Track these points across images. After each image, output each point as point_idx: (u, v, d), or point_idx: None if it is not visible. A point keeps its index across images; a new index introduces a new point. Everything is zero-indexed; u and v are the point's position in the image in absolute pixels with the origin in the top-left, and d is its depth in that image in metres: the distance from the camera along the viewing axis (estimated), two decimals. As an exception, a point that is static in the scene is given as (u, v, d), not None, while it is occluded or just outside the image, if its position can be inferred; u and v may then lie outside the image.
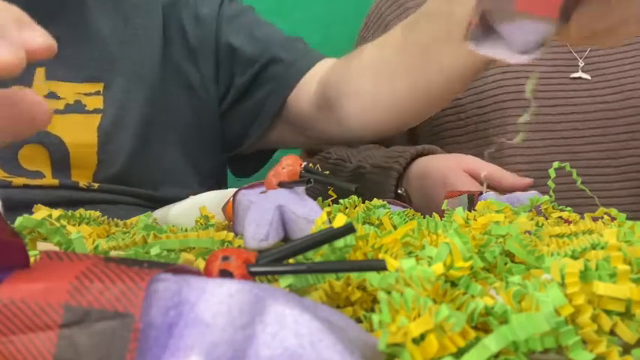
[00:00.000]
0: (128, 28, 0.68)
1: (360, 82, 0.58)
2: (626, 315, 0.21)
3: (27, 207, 0.40)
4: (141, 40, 0.68)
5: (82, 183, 0.63)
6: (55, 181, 0.61)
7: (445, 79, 0.51)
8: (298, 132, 0.72)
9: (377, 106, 0.58)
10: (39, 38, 0.26)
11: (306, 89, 0.67)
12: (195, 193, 0.55)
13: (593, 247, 0.28)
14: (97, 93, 0.64)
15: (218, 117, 0.75)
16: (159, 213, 0.52)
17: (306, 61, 0.68)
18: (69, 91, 0.63)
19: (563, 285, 0.20)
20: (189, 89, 0.72)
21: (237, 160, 0.80)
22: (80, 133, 0.62)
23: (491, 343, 0.17)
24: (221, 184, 0.81)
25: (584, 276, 0.21)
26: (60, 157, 0.62)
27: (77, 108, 0.63)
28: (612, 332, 0.21)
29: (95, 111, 0.63)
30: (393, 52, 0.53)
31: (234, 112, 0.74)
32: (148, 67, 0.68)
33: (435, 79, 0.52)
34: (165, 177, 0.70)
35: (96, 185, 0.63)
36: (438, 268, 0.22)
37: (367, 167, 0.71)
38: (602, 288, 0.21)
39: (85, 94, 0.64)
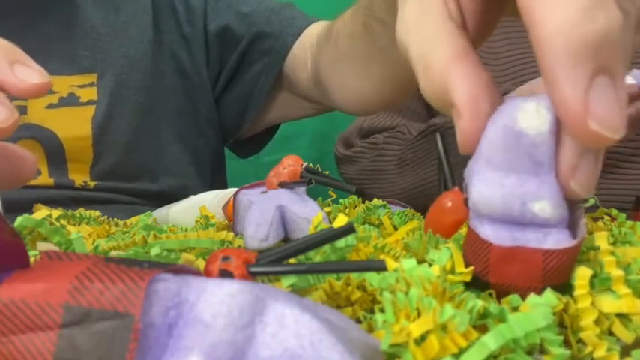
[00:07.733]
0: (119, 17, 0.68)
1: (340, 71, 0.59)
2: (625, 316, 0.21)
3: (22, 208, 0.40)
4: (132, 28, 0.68)
5: (78, 182, 0.63)
6: (50, 181, 0.61)
7: (407, 72, 0.53)
8: (302, 102, 0.72)
9: (359, 91, 0.59)
10: (34, 77, 0.26)
11: (300, 58, 0.67)
12: (194, 186, 0.55)
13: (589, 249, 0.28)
14: (92, 84, 0.64)
15: (213, 102, 0.75)
16: (159, 213, 0.52)
17: (292, 31, 0.68)
18: (62, 84, 0.63)
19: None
20: (182, 75, 0.72)
21: (241, 143, 0.80)
22: (74, 126, 0.62)
23: (490, 341, 0.17)
24: (219, 174, 0.81)
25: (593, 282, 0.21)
26: (55, 151, 0.61)
27: (71, 100, 0.63)
28: (610, 332, 0.21)
29: (89, 102, 0.63)
30: (360, 45, 0.54)
31: (228, 96, 0.74)
32: (141, 55, 0.68)
33: (398, 72, 0.53)
34: (163, 167, 0.70)
35: (92, 184, 0.63)
36: (438, 267, 0.22)
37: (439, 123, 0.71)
38: (600, 302, 0.21)
39: (79, 86, 0.63)
